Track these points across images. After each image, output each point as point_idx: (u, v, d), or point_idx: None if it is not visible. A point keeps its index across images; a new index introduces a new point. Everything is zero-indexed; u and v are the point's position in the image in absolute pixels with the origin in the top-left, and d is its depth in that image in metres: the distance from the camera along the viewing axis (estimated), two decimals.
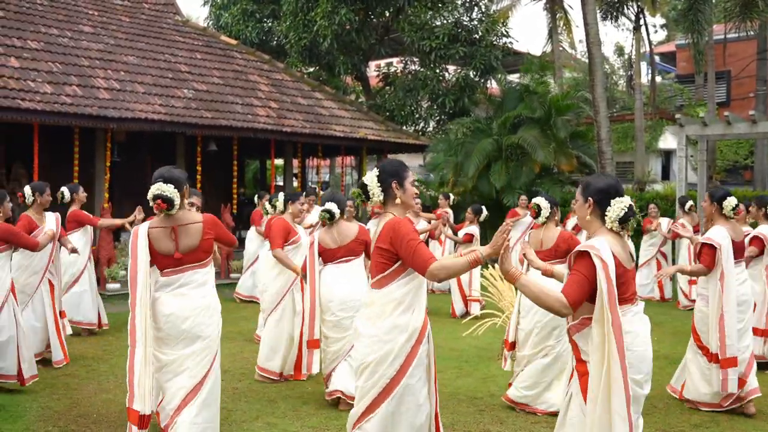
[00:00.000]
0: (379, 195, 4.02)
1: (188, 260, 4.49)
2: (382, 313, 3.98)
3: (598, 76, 15.45)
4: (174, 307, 4.44)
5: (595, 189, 3.75)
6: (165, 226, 4.48)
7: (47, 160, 12.90)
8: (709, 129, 13.69)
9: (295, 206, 7.35)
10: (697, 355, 6.31)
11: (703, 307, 6.26)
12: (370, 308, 4.03)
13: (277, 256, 7.09)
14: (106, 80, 13.32)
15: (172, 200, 4.38)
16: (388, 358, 3.91)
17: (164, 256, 4.48)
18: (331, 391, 6.15)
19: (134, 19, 16.77)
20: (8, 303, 6.43)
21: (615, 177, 3.97)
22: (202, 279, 4.55)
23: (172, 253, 4.47)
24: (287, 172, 17.41)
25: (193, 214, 4.60)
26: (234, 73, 16.45)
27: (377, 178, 4.01)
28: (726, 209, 6.24)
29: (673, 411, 6.31)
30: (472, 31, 19.37)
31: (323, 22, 18.31)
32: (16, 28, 13.60)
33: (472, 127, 18.05)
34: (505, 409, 6.29)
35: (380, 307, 3.98)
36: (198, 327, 4.48)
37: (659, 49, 33.00)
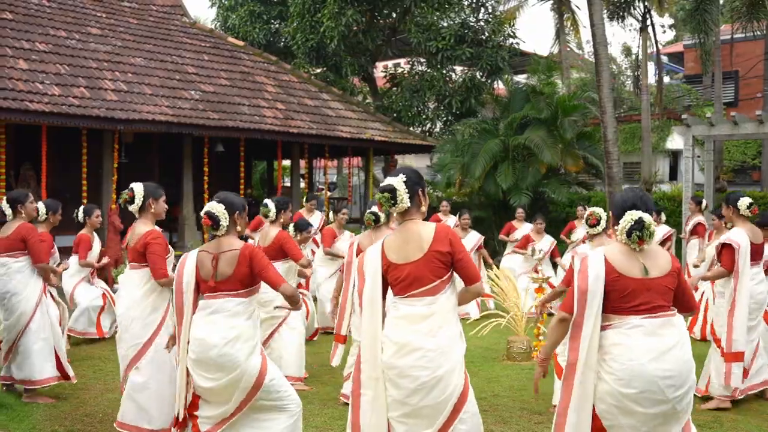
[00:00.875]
0: (406, 201, 3.95)
1: (222, 288, 4.37)
2: (444, 321, 3.91)
3: (605, 77, 15.40)
4: (204, 332, 4.33)
5: (616, 203, 3.96)
6: (209, 252, 4.44)
7: (55, 162, 12.98)
8: (716, 129, 13.67)
9: (286, 214, 7.32)
10: (716, 353, 6.46)
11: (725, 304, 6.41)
12: (431, 318, 3.89)
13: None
14: (114, 82, 13.40)
15: (218, 219, 4.33)
16: (456, 368, 3.90)
17: (204, 281, 4.43)
18: (346, 393, 6.10)
19: (142, 21, 16.85)
20: (42, 305, 6.38)
21: (639, 191, 4.03)
22: (235, 309, 4.36)
23: (208, 280, 4.40)
24: (294, 173, 17.46)
25: (235, 242, 4.45)
26: (241, 75, 16.52)
27: (405, 183, 3.96)
28: (742, 209, 6.39)
29: None
30: (478, 32, 19.37)
31: (330, 24, 18.35)
32: (24, 31, 13.69)
33: (479, 128, 18.04)
34: (508, 409, 6.32)
35: (442, 316, 3.91)
36: (223, 358, 4.27)
37: (667, 49, 32.95)
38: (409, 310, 3.91)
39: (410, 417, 3.89)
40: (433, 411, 3.85)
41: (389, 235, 4.14)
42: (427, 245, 3.91)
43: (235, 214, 4.42)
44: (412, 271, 3.92)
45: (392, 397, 3.92)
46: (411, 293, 3.91)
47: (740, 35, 19.60)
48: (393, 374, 3.89)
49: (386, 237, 4.14)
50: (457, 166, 17.88)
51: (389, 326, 3.96)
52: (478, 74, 19.52)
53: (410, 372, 3.83)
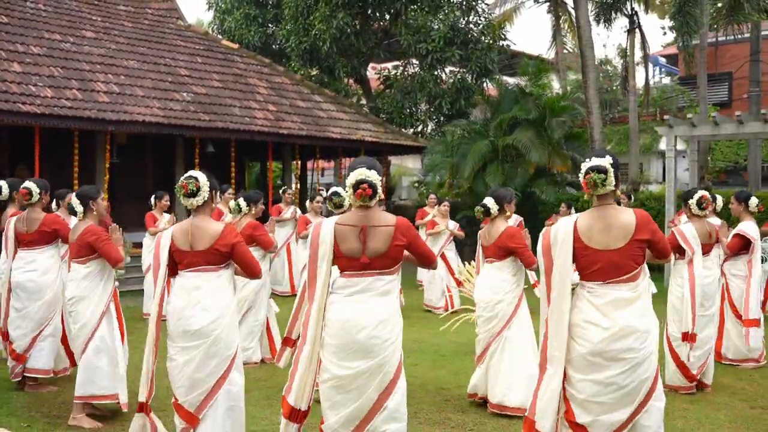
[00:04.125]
0: (612, 184, 4.05)
1: (374, 266, 4.03)
2: (648, 304, 4.10)
3: (591, 78, 15.68)
4: (350, 314, 4.00)
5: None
6: (355, 225, 4.06)
7: (49, 162, 13.28)
8: (698, 130, 13.86)
9: (258, 208, 7.64)
10: (734, 325, 7.65)
11: (741, 283, 7.62)
12: (639, 301, 4.04)
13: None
14: (106, 84, 13.70)
15: (376, 186, 4.00)
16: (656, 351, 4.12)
17: (348, 258, 4.06)
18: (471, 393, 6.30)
19: (137, 24, 17.17)
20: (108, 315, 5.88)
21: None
22: (385, 287, 4.07)
23: (359, 257, 4.03)
24: (286, 174, 17.75)
25: (387, 215, 4.12)
26: (234, 77, 16.81)
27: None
28: (751, 206, 7.75)
29: None
30: (467, 34, 19.63)
31: (321, 26, 18.66)
32: (19, 34, 14.02)
33: (469, 129, 18.30)
34: (466, 399, 6.56)
35: (646, 299, 4.08)
36: (372, 341, 3.98)
37: (665, 51, 33.14)
38: (616, 294, 3.99)
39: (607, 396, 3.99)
40: (634, 390, 3.99)
41: (583, 218, 4.12)
42: (630, 234, 4.00)
43: (383, 180, 4.15)
44: (612, 259, 4.00)
45: (591, 380, 4.00)
46: (612, 280, 4.01)
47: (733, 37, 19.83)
48: (601, 358, 3.97)
49: (579, 219, 4.12)
50: (447, 166, 18.14)
51: (590, 311, 4.03)
52: (468, 76, 19.77)
53: (625, 355, 3.94)
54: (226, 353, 4.44)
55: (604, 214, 4.07)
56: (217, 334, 4.40)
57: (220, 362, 4.43)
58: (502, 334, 6.01)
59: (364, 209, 4.07)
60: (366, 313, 3.99)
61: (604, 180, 3.99)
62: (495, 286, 6.05)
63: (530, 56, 22.71)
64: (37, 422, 5.74)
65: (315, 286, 4.07)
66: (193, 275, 4.49)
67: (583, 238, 4.05)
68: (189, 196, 4.48)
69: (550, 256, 4.14)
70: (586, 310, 4.02)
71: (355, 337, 3.98)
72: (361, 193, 3.97)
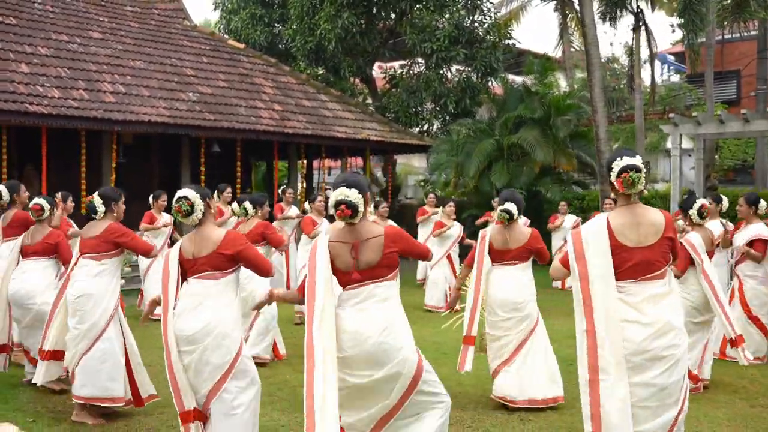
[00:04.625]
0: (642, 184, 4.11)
1: (369, 276, 4.07)
2: (678, 300, 4.15)
3: (596, 76, 15.65)
4: (355, 325, 4.02)
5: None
6: (346, 241, 4.13)
7: (56, 162, 13.40)
8: (703, 128, 13.87)
9: (264, 210, 7.72)
10: (748, 325, 7.67)
11: (758, 285, 7.73)
12: (672, 297, 4.07)
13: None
14: (113, 84, 13.81)
15: (356, 206, 4.03)
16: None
17: (343, 273, 4.13)
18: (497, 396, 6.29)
19: (143, 25, 17.28)
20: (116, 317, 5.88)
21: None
22: (385, 293, 4.09)
23: (351, 271, 4.10)
24: (291, 173, 17.82)
25: (376, 227, 4.17)
26: (239, 77, 16.90)
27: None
28: (761, 209, 7.80)
29: None
30: (472, 32, 19.65)
31: (326, 26, 18.72)
32: (27, 35, 14.15)
33: (474, 128, 18.34)
34: (468, 396, 6.62)
35: (677, 295, 4.14)
36: (381, 347, 3.97)
37: (674, 49, 33.02)
38: (651, 290, 3.98)
39: (652, 399, 3.94)
40: (675, 390, 3.96)
41: (615, 216, 4.09)
42: (661, 231, 4.02)
43: (366, 194, 4.13)
44: (646, 256, 4.00)
45: (635, 383, 3.92)
46: (645, 277, 4.00)
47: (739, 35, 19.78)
48: (643, 358, 3.91)
49: (611, 217, 4.09)
50: (452, 165, 18.18)
51: (627, 310, 3.97)
52: (473, 75, 19.80)
53: (666, 352, 3.91)
54: (221, 361, 4.41)
55: (634, 211, 4.09)
56: (209, 341, 4.39)
57: (214, 369, 4.41)
58: (535, 330, 6.18)
59: (351, 225, 4.13)
60: (369, 322, 4.00)
61: (640, 178, 4.03)
62: (523, 286, 6.21)
63: (536, 54, 22.71)
64: (42, 417, 5.83)
65: (315, 301, 4.03)
66: (195, 281, 4.56)
67: (618, 236, 4.03)
68: (186, 216, 4.56)
69: (585, 260, 4.04)
70: (623, 310, 3.96)
71: (363, 347, 3.98)
72: (341, 214, 4.03)
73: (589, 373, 3.94)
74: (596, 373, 3.91)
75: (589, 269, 4.00)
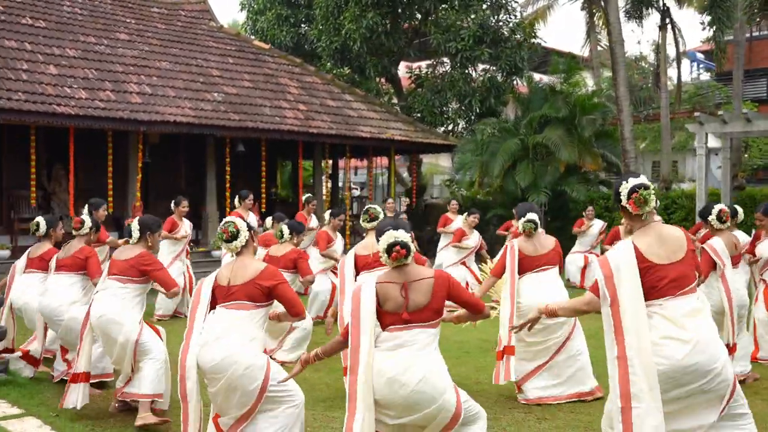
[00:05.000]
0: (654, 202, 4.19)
1: (416, 319, 4.02)
2: (710, 314, 4.10)
3: (621, 75, 15.56)
4: (392, 371, 3.94)
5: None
6: (396, 282, 4.09)
7: (83, 162, 13.62)
8: (729, 126, 13.72)
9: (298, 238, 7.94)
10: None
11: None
12: (707, 310, 4.04)
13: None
14: (139, 85, 13.99)
15: (409, 246, 4.08)
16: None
17: (391, 314, 4.07)
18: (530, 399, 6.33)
19: (170, 26, 17.47)
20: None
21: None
22: (426, 340, 4.02)
23: (400, 311, 4.04)
24: (316, 173, 17.90)
25: (425, 270, 4.18)
26: (264, 77, 17.01)
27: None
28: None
29: None
30: (497, 32, 19.59)
31: (351, 26, 18.78)
32: (56, 38, 14.39)
33: (499, 127, 18.29)
34: (486, 394, 6.60)
35: (709, 310, 4.09)
36: (418, 396, 3.93)
37: (704, 46, 32.62)
38: (688, 305, 3.94)
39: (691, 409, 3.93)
40: (716, 398, 3.91)
41: (639, 238, 4.07)
42: (684, 244, 4.04)
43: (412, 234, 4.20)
44: (681, 270, 3.99)
45: (672, 397, 3.88)
46: (682, 292, 3.96)
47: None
48: (685, 373, 3.83)
49: (635, 240, 4.05)
50: (477, 165, 18.16)
51: (667, 326, 3.91)
52: (498, 74, 19.75)
53: (707, 366, 3.84)
54: (249, 387, 4.39)
55: (655, 230, 4.08)
56: (233, 370, 4.38)
57: (244, 394, 4.41)
58: (573, 335, 6.34)
59: (402, 267, 4.12)
60: (407, 370, 3.93)
61: (650, 195, 4.04)
62: (560, 291, 6.40)
63: (561, 53, 22.58)
64: (65, 412, 5.93)
65: (360, 347, 4.00)
66: (223, 310, 4.57)
67: (649, 256, 3.99)
68: (230, 240, 4.64)
69: (614, 286, 3.99)
70: (663, 326, 3.90)
71: (398, 393, 3.93)
72: (396, 255, 4.04)
73: (621, 400, 3.86)
74: (629, 401, 3.84)
75: (619, 294, 3.95)
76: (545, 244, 6.45)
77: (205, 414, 4.69)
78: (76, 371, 5.84)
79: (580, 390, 6.31)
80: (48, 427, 5.59)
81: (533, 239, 6.45)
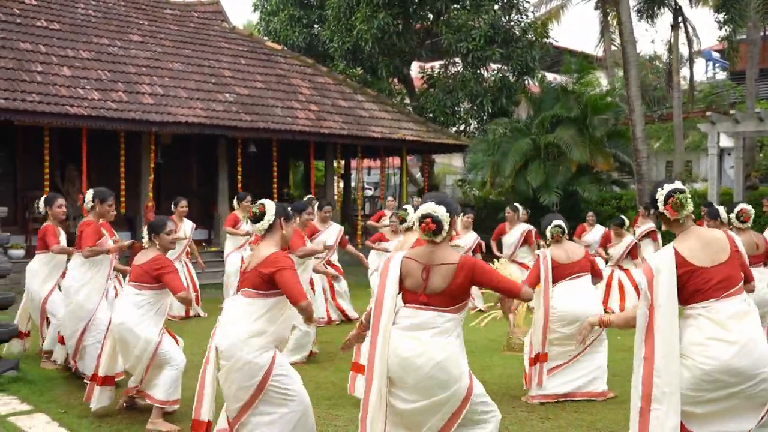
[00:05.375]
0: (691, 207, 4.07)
1: (433, 303, 4.01)
2: (758, 317, 4.06)
3: (633, 75, 15.49)
4: (407, 352, 3.96)
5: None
6: (419, 261, 4.09)
7: (96, 162, 13.76)
8: (742, 126, 13.66)
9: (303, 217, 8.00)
10: None
11: None
12: (754, 313, 3.99)
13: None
14: (151, 86, 14.11)
15: (441, 223, 4.02)
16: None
17: (411, 292, 4.09)
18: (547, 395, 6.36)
19: (182, 28, 17.59)
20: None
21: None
22: (445, 325, 3.99)
23: (418, 292, 4.05)
24: (328, 173, 17.97)
25: (453, 255, 4.10)
26: (276, 77, 17.10)
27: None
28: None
29: None
30: (508, 32, 19.59)
31: (363, 27, 18.84)
32: (70, 40, 14.54)
33: (510, 127, 18.30)
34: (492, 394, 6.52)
35: (756, 313, 4.04)
36: (430, 381, 3.93)
37: (720, 46, 32.39)
38: (734, 307, 3.91)
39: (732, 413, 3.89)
40: (759, 404, 3.87)
41: (681, 243, 4.04)
42: (728, 246, 4.01)
43: (454, 218, 4.14)
44: (726, 272, 3.96)
45: (714, 397, 3.86)
46: (728, 293, 3.93)
47: None
48: (729, 375, 3.81)
49: (677, 246, 4.03)
50: (489, 165, 18.17)
51: (713, 328, 3.89)
52: (510, 74, 19.75)
53: (753, 371, 3.81)
54: (244, 383, 4.35)
55: (695, 233, 4.06)
56: (233, 361, 4.34)
57: (240, 389, 4.36)
58: (600, 338, 6.45)
59: (432, 245, 4.09)
60: (423, 354, 3.92)
61: (687, 199, 4.02)
62: (593, 298, 6.54)
63: (573, 52, 22.53)
64: (74, 409, 6.03)
65: (381, 316, 4.04)
66: (237, 295, 4.58)
67: (692, 260, 3.97)
68: (254, 221, 4.59)
69: (653, 289, 4.00)
70: (708, 328, 3.89)
71: (412, 375, 3.93)
72: (425, 227, 4.02)
73: (641, 401, 3.91)
74: (649, 403, 3.88)
75: (655, 298, 3.96)
76: (576, 252, 6.57)
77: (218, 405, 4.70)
78: (97, 374, 5.88)
79: (593, 390, 6.34)
80: (56, 424, 5.67)
81: (563, 247, 6.54)
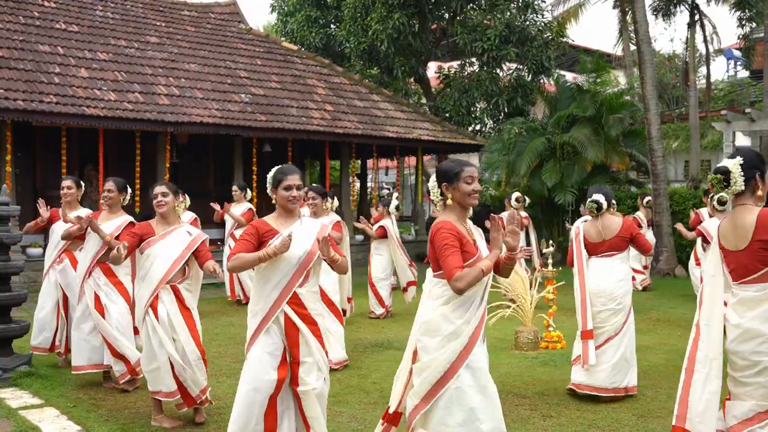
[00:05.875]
0: (740, 185, 3.86)
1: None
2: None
3: (649, 74, 15.41)
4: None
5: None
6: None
7: (113, 162, 13.95)
8: (757, 125, 13.56)
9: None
10: None
11: None
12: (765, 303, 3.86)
13: None
14: (167, 87, 14.28)
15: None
16: None
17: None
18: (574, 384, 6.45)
19: (199, 29, 17.76)
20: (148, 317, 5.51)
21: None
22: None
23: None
24: (344, 173, 18.06)
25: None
26: (292, 78, 17.21)
27: (741, 166, 3.85)
28: None
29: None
30: (524, 31, 19.57)
31: (378, 27, 18.92)
32: (88, 42, 14.75)
33: (526, 127, 18.27)
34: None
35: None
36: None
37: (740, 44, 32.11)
38: (744, 294, 3.89)
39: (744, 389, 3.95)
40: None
41: (724, 219, 4.05)
42: (749, 234, 3.80)
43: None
44: (740, 260, 3.88)
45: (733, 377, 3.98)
46: (742, 281, 3.91)
47: None
48: (736, 357, 3.92)
49: (722, 220, 4.05)
50: (504, 164, 18.17)
51: (728, 310, 3.97)
52: (525, 74, 19.73)
53: (753, 357, 3.85)
54: None
55: (736, 214, 3.95)
56: None
57: None
58: (628, 321, 6.35)
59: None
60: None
61: (723, 181, 3.91)
62: (621, 277, 6.38)
63: (588, 51, 22.43)
64: (83, 403, 6.16)
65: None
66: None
67: (722, 240, 4.00)
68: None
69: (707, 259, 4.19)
70: (727, 309, 4.00)
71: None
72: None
73: (688, 361, 4.05)
74: (693, 364, 4.02)
75: (705, 267, 4.19)
76: (611, 228, 6.32)
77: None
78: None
79: (617, 385, 6.24)
80: (65, 417, 5.79)
81: (597, 223, 6.38)
